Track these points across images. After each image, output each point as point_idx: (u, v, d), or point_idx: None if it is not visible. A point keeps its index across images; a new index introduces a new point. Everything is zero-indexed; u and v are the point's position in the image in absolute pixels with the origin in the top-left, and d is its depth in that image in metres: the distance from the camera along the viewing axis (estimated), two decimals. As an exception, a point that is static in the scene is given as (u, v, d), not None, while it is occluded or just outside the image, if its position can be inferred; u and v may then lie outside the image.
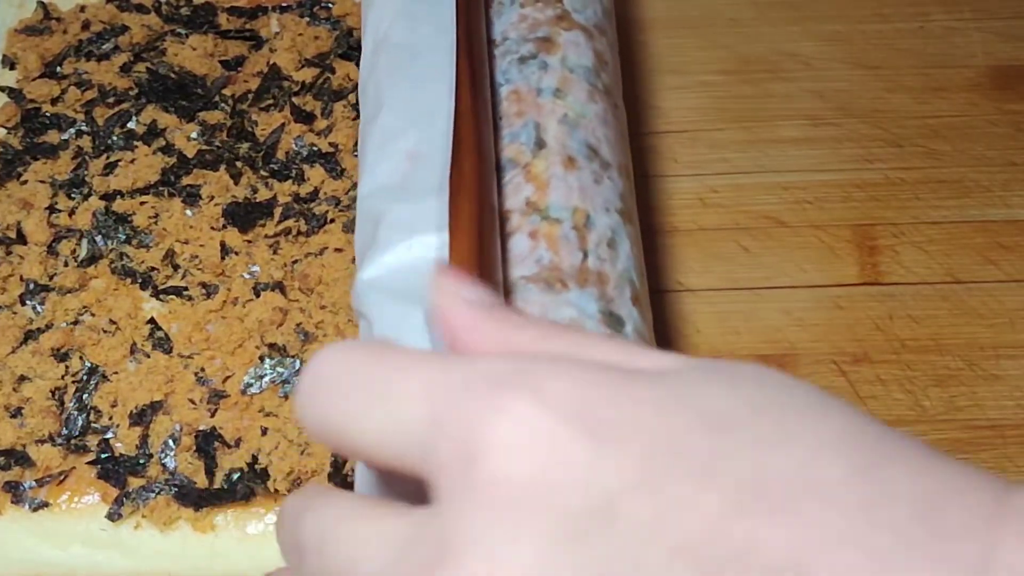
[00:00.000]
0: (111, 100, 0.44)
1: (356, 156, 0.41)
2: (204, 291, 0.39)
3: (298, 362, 0.37)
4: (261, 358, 0.37)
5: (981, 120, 0.48)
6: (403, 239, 0.30)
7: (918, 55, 0.50)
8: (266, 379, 0.37)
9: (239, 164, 0.42)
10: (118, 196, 0.42)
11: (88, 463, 0.36)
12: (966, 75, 0.49)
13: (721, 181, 0.47)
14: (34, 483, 0.36)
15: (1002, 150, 0.47)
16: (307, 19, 0.46)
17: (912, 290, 0.44)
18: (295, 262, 0.40)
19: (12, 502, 0.36)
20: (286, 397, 0.37)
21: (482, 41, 0.36)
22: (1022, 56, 0.49)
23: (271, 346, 0.38)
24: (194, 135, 0.43)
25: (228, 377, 0.37)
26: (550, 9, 0.38)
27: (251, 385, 0.37)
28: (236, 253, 0.40)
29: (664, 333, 0.43)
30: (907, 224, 0.45)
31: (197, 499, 0.35)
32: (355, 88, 0.42)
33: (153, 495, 0.35)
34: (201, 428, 0.36)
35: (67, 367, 0.38)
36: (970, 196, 0.46)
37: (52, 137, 0.44)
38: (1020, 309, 0.43)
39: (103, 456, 0.36)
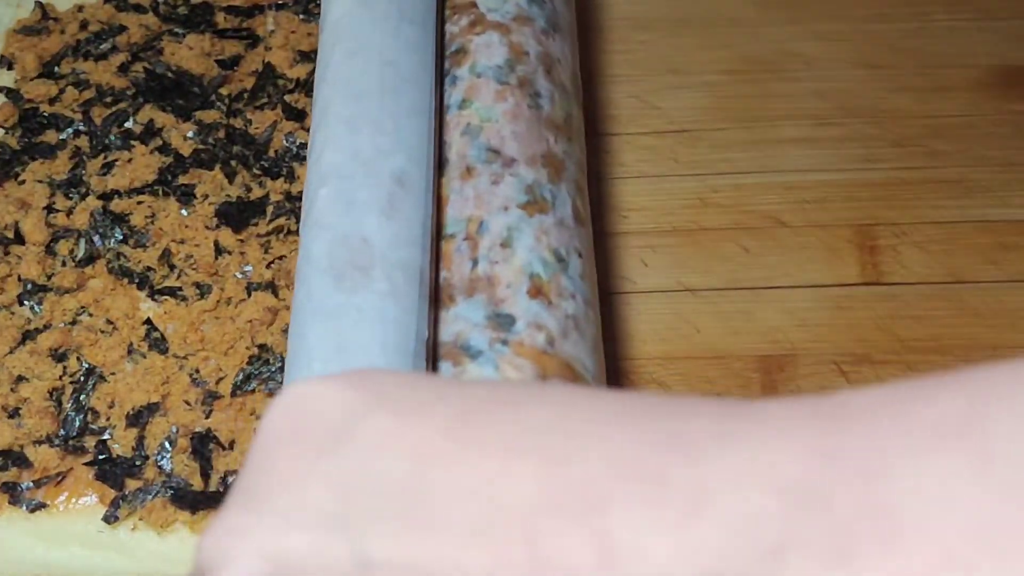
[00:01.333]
0: (108, 100, 0.45)
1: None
2: (198, 291, 0.39)
3: (282, 358, 0.37)
4: (250, 359, 0.38)
5: (983, 120, 0.48)
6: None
7: (920, 55, 0.50)
8: (253, 379, 0.37)
9: (233, 163, 0.42)
10: (115, 196, 0.42)
11: (86, 464, 0.36)
12: (968, 75, 0.50)
13: (722, 181, 0.47)
14: (32, 484, 0.36)
15: (1004, 150, 0.47)
16: (301, 16, 0.47)
17: (913, 290, 0.44)
18: (281, 258, 0.40)
19: (10, 503, 0.36)
20: (270, 394, 0.37)
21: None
22: (1023, 56, 0.50)
23: (261, 347, 0.38)
24: (190, 134, 0.44)
25: (222, 378, 0.38)
26: (464, 18, 0.39)
27: (239, 386, 0.37)
28: (229, 253, 0.40)
29: (664, 333, 0.43)
30: (908, 224, 0.46)
31: (193, 501, 0.35)
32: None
33: (150, 497, 0.36)
34: (197, 430, 0.37)
35: (65, 367, 0.38)
36: (972, 196, 0.46)
37: (50, 137, 0.44)
38: (1021, 309, 0.44)
39: (101, 457, 0.36)
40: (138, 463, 0.36)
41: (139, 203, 0.42)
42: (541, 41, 0.39)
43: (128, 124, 0.44)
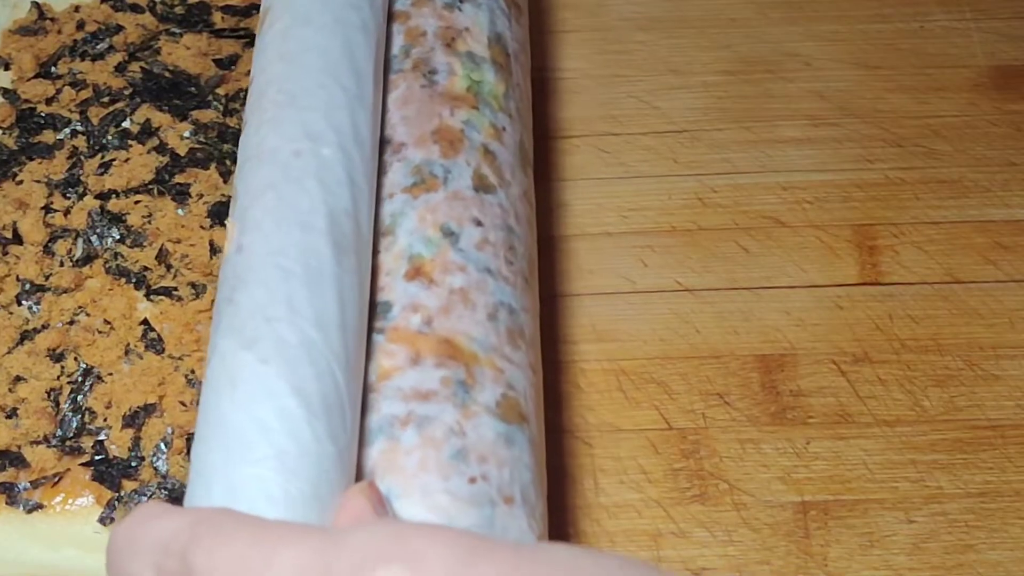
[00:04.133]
0: (105, 100, 0.46)
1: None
2: (193, 291, 0.40)
3: None
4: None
5: (981, 120, 0.49)
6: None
7: (918, 55, 0.51)
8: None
9: (228, 162, 0.43)
10: (113, 195, 0.43)
11: (82, 465, 0.37)
12: (966, 75, 0.51)
13: (721, 181, 0.48)
14: (28, 485, 0.37)
15: (1002, 150, 0.48)
16: (299, 16, 0.48)
17: (912, 290, 0.45)
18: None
19: (7, 503, 0.37)
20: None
21: None
22: (1022, 56, 0.51)
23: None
24: (187, 134, 0.44)
25: (218, 379, 0.38)
26: None
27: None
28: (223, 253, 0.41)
29: (663, 333, 0.44)
30: (907, 224, 0.47)
31: (189, 503, 0.36)
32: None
33: (146, 499, 0.36)
34: (192, 431, 0.37)
35: (62, 367, 0.39)
36: (970, 196, 0.47)
37: (47, 137, 0.45)
38: (1020, 309, 0.44)
39: (97, 458, 0.37)
40: (134, 464, 0.37)
41: (136, 203, 0.43)
42: (443, 16, 0.39)
43: (125, 124, 0.45)
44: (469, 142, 0.36)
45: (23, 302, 0.41)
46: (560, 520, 0.40)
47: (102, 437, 0.38)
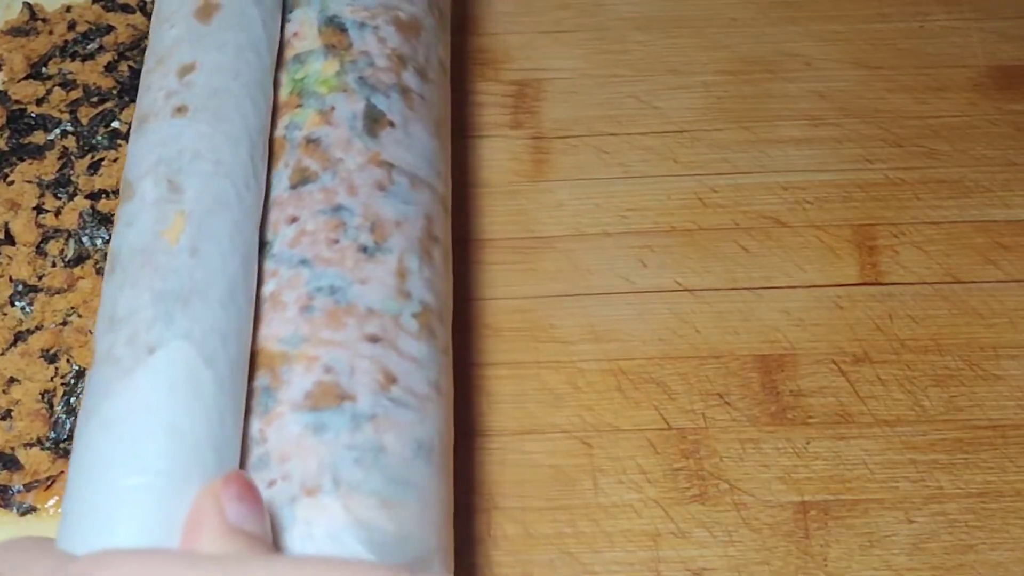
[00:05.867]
0: (95, 99, 0.48)
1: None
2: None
3: None
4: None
5: (981, 120, 0.51)
6: None
7: (918, 55, 0.53)
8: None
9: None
10: (103, 195, 0.45)
11: (76, 467, 0.39)
12: (966, 75, 0.52)
13: (721, 181, 0.50)
14: (22, 487, 0.39)
15: (1002, 150, 0.50)
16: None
17: (912, 290, 0.47)
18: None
19: (1, 506, 0.38)
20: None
21: None
22: (1022, 56, 0.53)
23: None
24: (176, 136, 0.46)
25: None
26: None
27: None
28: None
29: (662, 333, 0.46)
30: (907, 224, 0.48)
31: (183, 507, 0.37)
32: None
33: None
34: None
35: (56, 369, 0.41)
36: (970, 196, 0.49)
37: (38, 137, 0.47)
38: (1020, 309, 0.46)
39: (91, 461, 0.39)
40: (126, 468, 0.39)
41: (127, 204, 0.45)
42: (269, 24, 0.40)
43: (115, 124, 0.47)
44: (290, 144, 0.37)
45: (16, 303, 0.42)
46: (559, 520, 0.42)
47: (95, 440, 0.39)
